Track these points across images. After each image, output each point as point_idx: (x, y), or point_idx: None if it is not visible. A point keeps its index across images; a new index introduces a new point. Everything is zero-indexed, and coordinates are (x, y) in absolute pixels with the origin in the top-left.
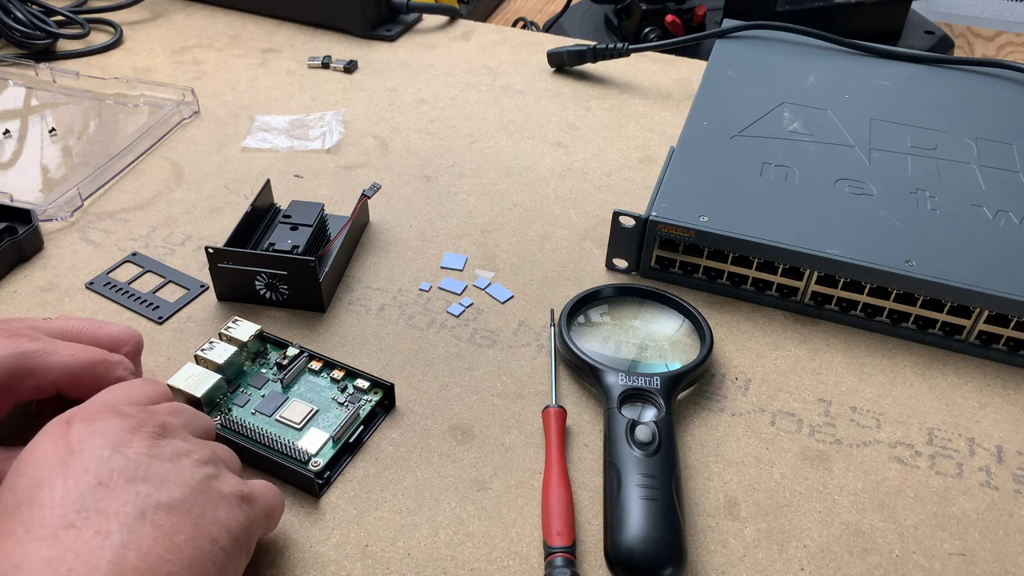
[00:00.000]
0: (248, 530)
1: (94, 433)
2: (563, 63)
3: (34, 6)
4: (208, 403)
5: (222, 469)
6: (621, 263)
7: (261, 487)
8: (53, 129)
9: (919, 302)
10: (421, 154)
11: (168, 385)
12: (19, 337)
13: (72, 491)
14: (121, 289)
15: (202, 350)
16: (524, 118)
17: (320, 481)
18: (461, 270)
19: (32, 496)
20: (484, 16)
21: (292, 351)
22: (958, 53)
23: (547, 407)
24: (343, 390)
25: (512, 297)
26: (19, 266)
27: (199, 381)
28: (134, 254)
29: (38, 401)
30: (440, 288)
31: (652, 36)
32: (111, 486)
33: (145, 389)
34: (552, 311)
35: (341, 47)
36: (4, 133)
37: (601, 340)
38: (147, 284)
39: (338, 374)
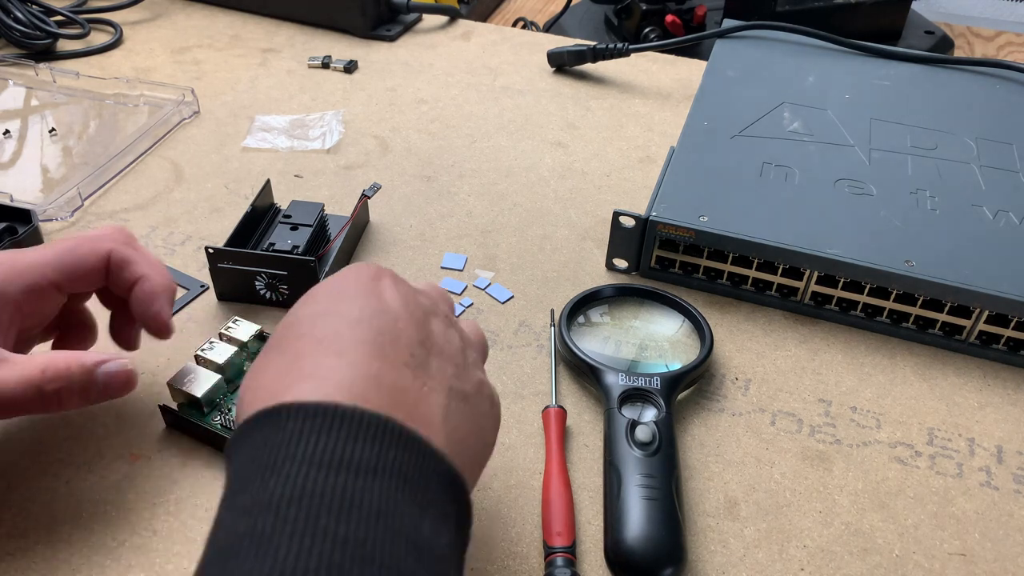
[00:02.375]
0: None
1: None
2: (563, 63)
3: (34, 6)
4: (208, 403)
5: (484, 371)
6: (621, 263)
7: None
8: (53, 129)
9: (919, 302)
10: (421, 154)
11: (168, 385)
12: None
13: (411, 335)
14: None
15: (202, 350)
16: (524, 118)
17: None
18: (461, 270)
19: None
20: (484, 16)
21: None
22: (958, 53)
23: (547, 407)
24: None
25: (512, 297)
26: None
27: (199, 381)
28: None
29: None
30: None
31: (652, 36)
32: (430, 350)
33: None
34: (552, 311)
35: (341, 47)
36: (4, 133)
37: (601, 340)
38: None
39: None
